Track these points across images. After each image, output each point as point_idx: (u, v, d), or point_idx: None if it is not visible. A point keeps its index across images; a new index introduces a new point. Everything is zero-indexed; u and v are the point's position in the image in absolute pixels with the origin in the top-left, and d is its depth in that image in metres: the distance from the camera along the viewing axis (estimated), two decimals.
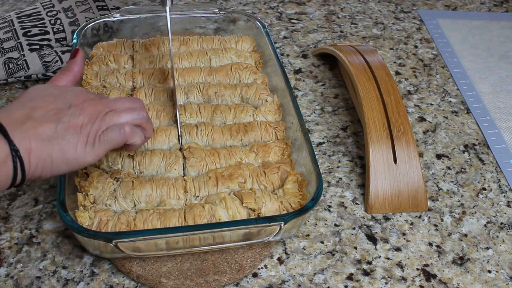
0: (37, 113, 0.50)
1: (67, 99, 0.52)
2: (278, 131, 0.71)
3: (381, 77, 0.77)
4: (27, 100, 0.51)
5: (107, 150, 0.53)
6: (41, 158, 0.48)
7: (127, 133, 0.54)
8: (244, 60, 0.82)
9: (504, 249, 0.66)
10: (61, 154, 0.49)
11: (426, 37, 1.03)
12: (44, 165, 0.49)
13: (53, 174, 0.50)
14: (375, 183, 0.70)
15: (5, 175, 0.47)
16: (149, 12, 0.86)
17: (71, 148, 0.50)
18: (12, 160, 0.46)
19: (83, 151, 0.51)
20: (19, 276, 0.60)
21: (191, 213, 0.59)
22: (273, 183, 0.64)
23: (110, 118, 0.53)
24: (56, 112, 0.50)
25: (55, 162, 0.49)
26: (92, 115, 0.52)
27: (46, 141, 0.49)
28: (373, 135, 0.71)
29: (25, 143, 0.47)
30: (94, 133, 0.52)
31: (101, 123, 0.52)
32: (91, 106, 0.53)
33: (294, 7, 1.10)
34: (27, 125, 0.48)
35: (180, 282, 0.59)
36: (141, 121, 0.57)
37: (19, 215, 0.67)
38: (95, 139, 0.52)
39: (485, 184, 0.75)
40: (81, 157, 0.51)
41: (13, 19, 0.89)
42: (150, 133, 0.59)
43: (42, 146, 0.48)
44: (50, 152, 0.49)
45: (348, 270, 0.63)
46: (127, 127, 0.54)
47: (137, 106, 0.57)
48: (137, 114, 0.56)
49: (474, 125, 0.85)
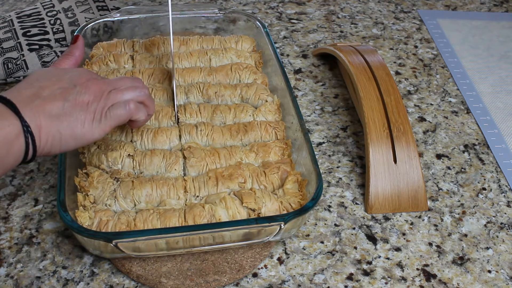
0: (44, 92, 0.52)
1: (72, 79, 0.54)
2: (278, 131, 0.71)
3: (381, 77, 0.77)
4: (34, 81, 0.53)
5: (113, 126, 0.56)
6: (51, 134, 0.51)
7: (132, 109, 0.57)
8: (244, 60, 0.82)
9: (504, 249, 0.66)
10: (69, 130, 0.52)
11: (426, 37, 1.03)
12: (54, 141, 0.51)
13: (62, 150, 0.52)
14: (375, 183, 0.70)
15: (18, 150, 0.49)
16: (149, 12, 0.86)
17: (78, 124, 0.52)
18: (24, 135, 0.49)
19: (90, 127, 0.53)
20: (19, 276, 0.60)
21: (191, 213, 0.59)
22: (273, 183, 0.64)
23: (114, 95, 0.56)
24: (63, 91, 0.53)
25: (64, 138, 0.52)
26: (97, 93, 0.54)
27: (54, 118, 0.51)
28: (373, 135, 0.71)
29: (35, 120, 0.50)
30: (100, 110, 0.54)
31: (106, 100, 0.55)
32: (95, 85, 0.55)
33: (294, 7, 1.10)
34: (36, 103, 0.50)
35: (180, 282, 0.59)
36: (144, 98, 0.59)
37: (19, 215, 0.67)
38: (102, 116, 0.54)
39: (485, 184, 0.75)
40: (89, 133, 0.53)
41: (13, 19, 0.89)
42: (152, 110, 0.62)
43: (51, 122, 0.51)
44: (59, 129, 0.51)
45: (348, 270, 0.63)
46: (132, 103, 0.57)
47: (139, 85, 0.60)
48: (139, 91, 0.59)
49: (474, 125, 0.85)
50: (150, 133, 0.68)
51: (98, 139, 0.55)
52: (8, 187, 0.71)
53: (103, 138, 0.67)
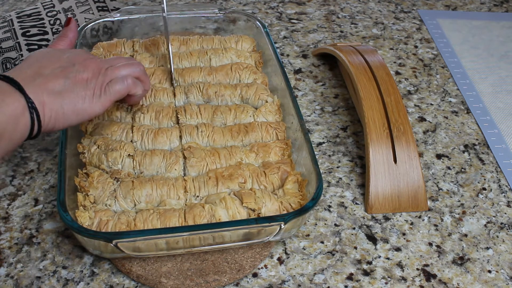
0: (45, 70, 0.54)
1: (70, 59, 0.57)
2: (279, 132, 0.71)
3: (381, 77, 0.77)
4: (34, 61, 0.56)
5: (113, 100, 0.59)
6: (54, 110, 0.53)
7: (130, 84, 0.61)
8: (244, 60, 0.82)
9: (504, 249, 0.66)
10: (71, 106, 0.54)
11: (426, 37, 1.03)
12: (57, 117, 0.53)
13: (65, 125, 0.55)
14: (375, 183, 0.70)
15: (24, 126, 0.51)
16: (149, 12, 0.86)
17: (80, 100, 0.55)
18: (29, 111, 0.51)
19: (91, 103, 0.56)
20: (19, 276, 0.60)
21: (191, 213, 0.59)
22: (273, 183, 0.64)
23: (112, 72, 0.59)
24: (63, 69, 0.55)
25: (67, 113, 0.54)
26: (95, 70, 0.57)
27: (57, 94, 0.53)
28: (373, 135, 0.71)
29: (39, 96, 0.52)
30: (100, 86, 0.57)
31: (104, 77, 0.58)
32: (92, 63, 0.58)
33: (294, 7, 1.10)
34: (38, 81, 0.53)
35: (180, 282, 0.59)
36: (139, 74, 0.63)
37: (19, 215, 0.67)
38: (101, 91, 0.57)
39: (485, 184, 0.75)
40: (90, 108, 0.56)
41: (13, 19, 0.89)
42: (148, 85, 0.65)
43: (54, 99, 0.53)
44: (61, 104, 0.54)
45: (348, 270, 0.63)
46: (129, 79, 0.60)
47: (133, 62, 0.63)
48: (135, 68, 0.62)
49: (474, 125, 0.85)
50: (151, 133, 0.68)
51: (99, 114, 0.58)
52: (8, 187, 0.71)
53: (103, 138, 0.67)
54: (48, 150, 0.76)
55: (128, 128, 0.69)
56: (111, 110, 0.71)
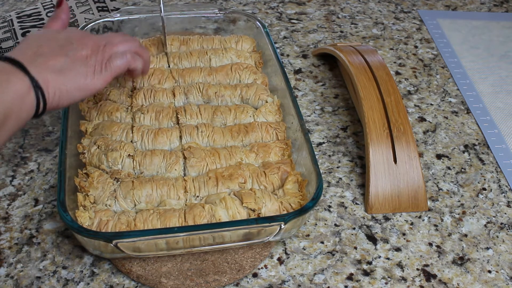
0: (44, 50, 0.55)
1: (67, 37, 0.58)
2: (279, 132, 0.71)
3: (381, 77, 0.77)
4: (32, 42, 0.56)
5: (114, 76, 0.60)
6: (57, 88, 0.54)
7: (130, 59, 0.62)
8: (244, 60, 0.82)
9: (504, 249, 0.66)
10: (74, 83, 0.56)
11: (426, 37, 1.03)
12: (61, 94, 0.55)
13: (69, 102, 0.56)
14: (375, 183, 0.70)
15: (30, 104, 0.52)
16: (149, 12, 0.86)
17: (82, 77, 0.56)
18: (34, 90, 0.52)
19: (93, 79, 0.57)
20: (19, 276, 0.60)
21: (191, 213, 0.59)
22: (273, 183, 0.64)
23: (110, 48, 0.61)
24: (62, 48, 0.56)
25: (70, 90, 0.55)
26: (94, 47, 0.59)
27: (58, 72, 0.55)
28: (373, 135, 0.71)
29: (42, 75, 0.53)
30: (100, 63, 0.58)
31: (103, 53, 0.59)
32: (90, 40, 0.59)
33: (294, 7, 1.10)
34: (39, 61, 0.54)
35: (180, 282, 0.59)
36: (137, 48, 0.65)
37: (19, 215, 0.67)
38: (102, 68, 0.58)
39: (485, 184, 0.75)
40: (92, 84, 0.57)
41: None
42: (147, 57, 0.67)
43: (56, 77, 0.54)
44: (64, 82, 0.55)
45: (348, 270, 0.63)
46: (128, 54, 0.62)
47: (129, 38, 0.65)
48: (132, 43, 0.64)
49: (474, 125, 0.85)
50: (151, 133, 0.68)
51: (100, 89, 0.59)
52: (8, 187, 0.71)
53: (103, 138, 0.67)
54: (48, 150, 0.76)
55: (128, 129, 0.69)
56: (111, 111, 0.71)
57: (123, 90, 0.75)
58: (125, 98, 0.74)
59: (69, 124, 0.66)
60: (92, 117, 0.72)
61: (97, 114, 0.71)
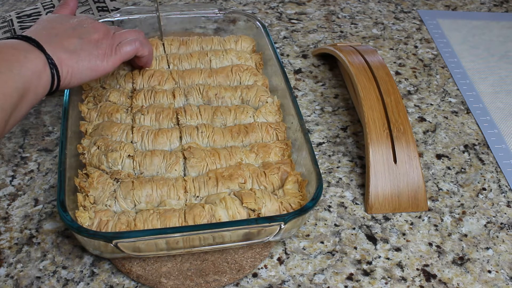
0: (58, 31, 0.59)
1: (79, 21, 0.62)
2: (279, 132, 0.71)
3: (381, 77, 0.77)
4: (46, 23, 0.60)
5: (122, 60, 0.65)
6: (71, 66, 0.57)
7: (138, 46, 0.67)
8: (244, 62, 0.81)
9: (504, 249, 0.66)
10: (86, 63, 0.59)
11: (426, 37, 1.03)
12: (73, 73, 0.58)
13: (80, 81, 0.60)
14: (375, 183, 0.70)
15: (46, 80, 0.55)
16: (149, 12, 0.86)
17: (93, 58, 0.60)
18: (49, 67, 0.55)
19: (103, 61, 0.61)
20: (19, 276, 0.60)
21: (191, 213, 0.59)
22: (273, 183, 0.64)
23: (119, 36, 0.66)
24: (74, 30, 0.61)
25: (81, 70, 0.59)
26: (105, 32, 0.63)
27: (72, 52, 0.58)
28: (373, 135, 0.71)
29: (56, 54, 0.56)
30: (110, 47, 0.63)
31: (113, 39, 0.64)
32: (101, 26, 0.64)
33: (294, 7, 1.10)
34: (54, 40, 0.57)
35: (180, 282, 0.59)
36: (142, 39, 0.69)
37: (19, 215, 0.67)
38: (112, 51, 0.63)
39: (485, 184, 0.75)
40: (102, 66, 0.61)
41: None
42: (150, 49, 0.72)
43: (70, 56, 0.57)
44: (77, 61, 0.58)
45: (348, 270, 0.63)
46: (137, 41, 0.67)
47: (133, 29, 0.69)
48: (137, 33, 0.69)
49: (474, 125, 0.85)
50: (151, 134, 0.68)
51: (110, 72, 0.63)
52: (8, 187, 0.71)
53: (103, 139, 0.67)
54: (48, 150, 0.76)
55: (128, 129, 0.69)
56: (111, 112, 0.71)
57: (123, 91, 0.75)
58: (125, 99, 0.74)
59: (69, 125, 0.66)
60: (92, 118, 0.72)
61: (97, 115, 0.71)
